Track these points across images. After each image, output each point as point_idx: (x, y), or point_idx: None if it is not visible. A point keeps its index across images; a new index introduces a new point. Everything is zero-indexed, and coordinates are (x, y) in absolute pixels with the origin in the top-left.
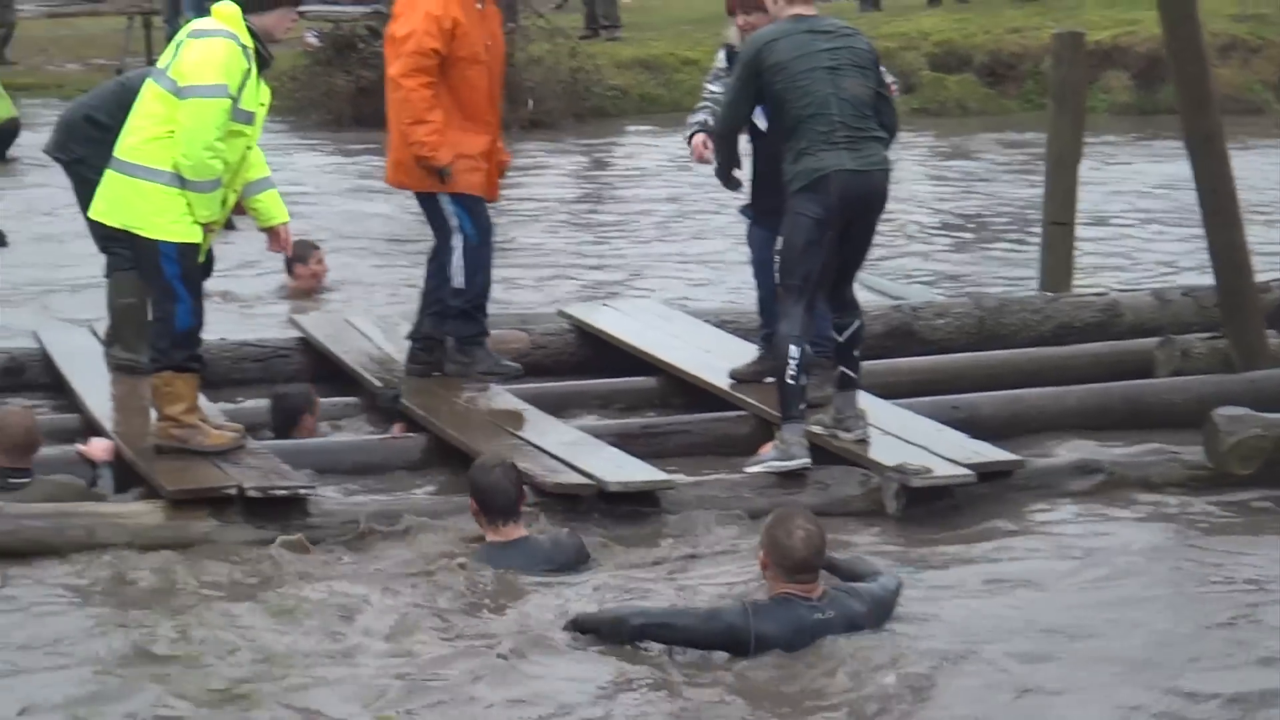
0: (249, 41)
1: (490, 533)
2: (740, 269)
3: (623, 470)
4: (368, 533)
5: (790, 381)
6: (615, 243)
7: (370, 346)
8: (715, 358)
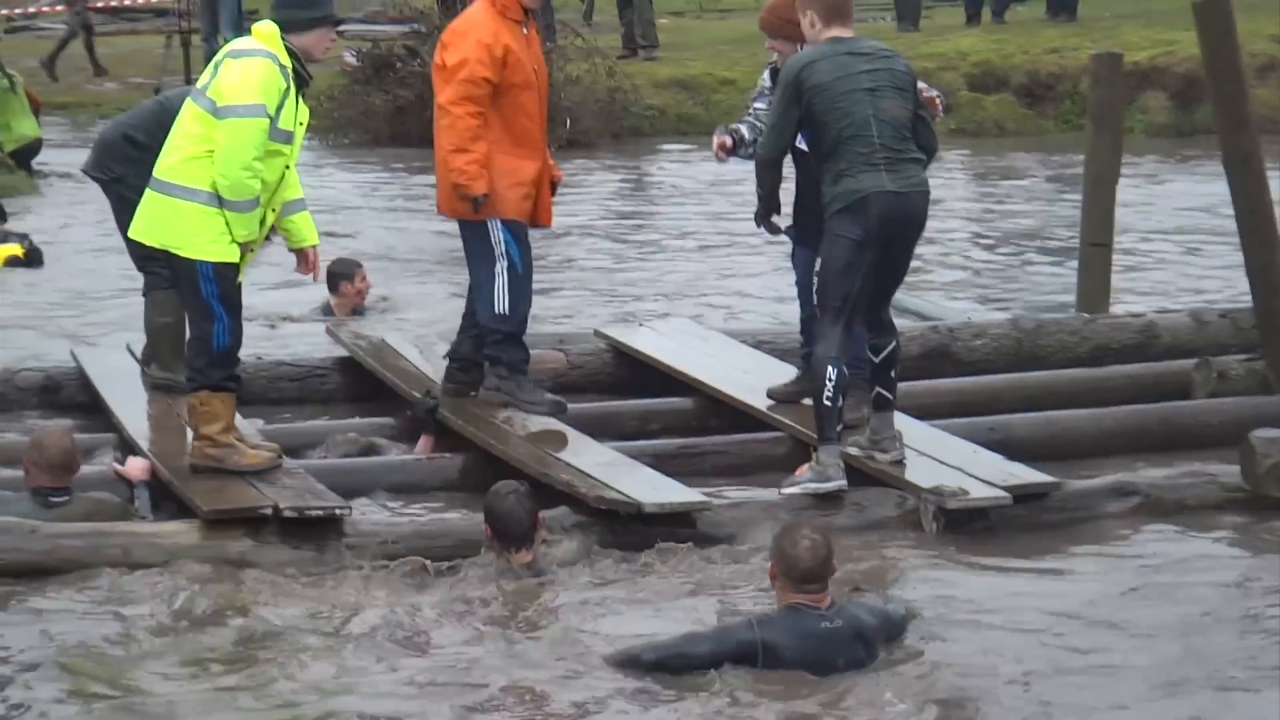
0: (287, 61)
1: (504, 559)
2: (776, 289)
3: (659, 491)
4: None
5: (827, 403)
6: (652, 262)
7: (407, 364)
8: (752, 378)
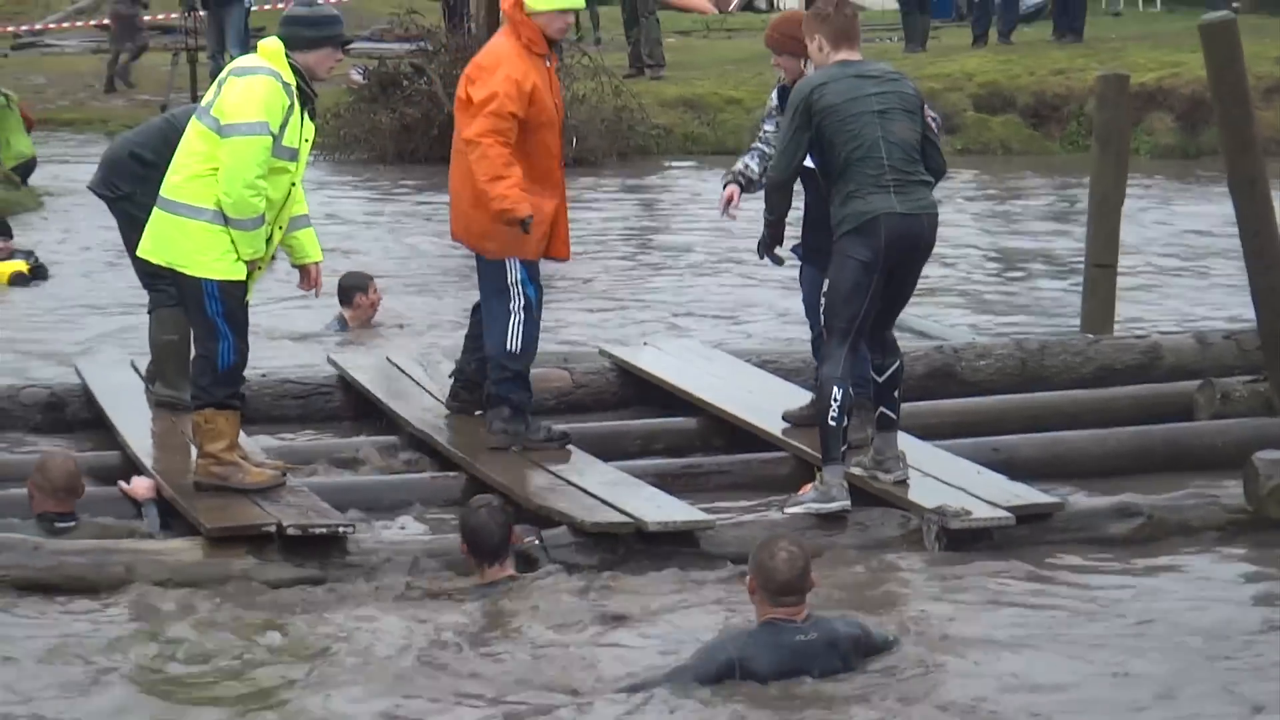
0: (291, 79)
1: (480, 575)
2: (781, 309)
3: (662, 510)
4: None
5: (832, 423)
6: (657, 282)
7: (411, 387)
8: (757, 398)
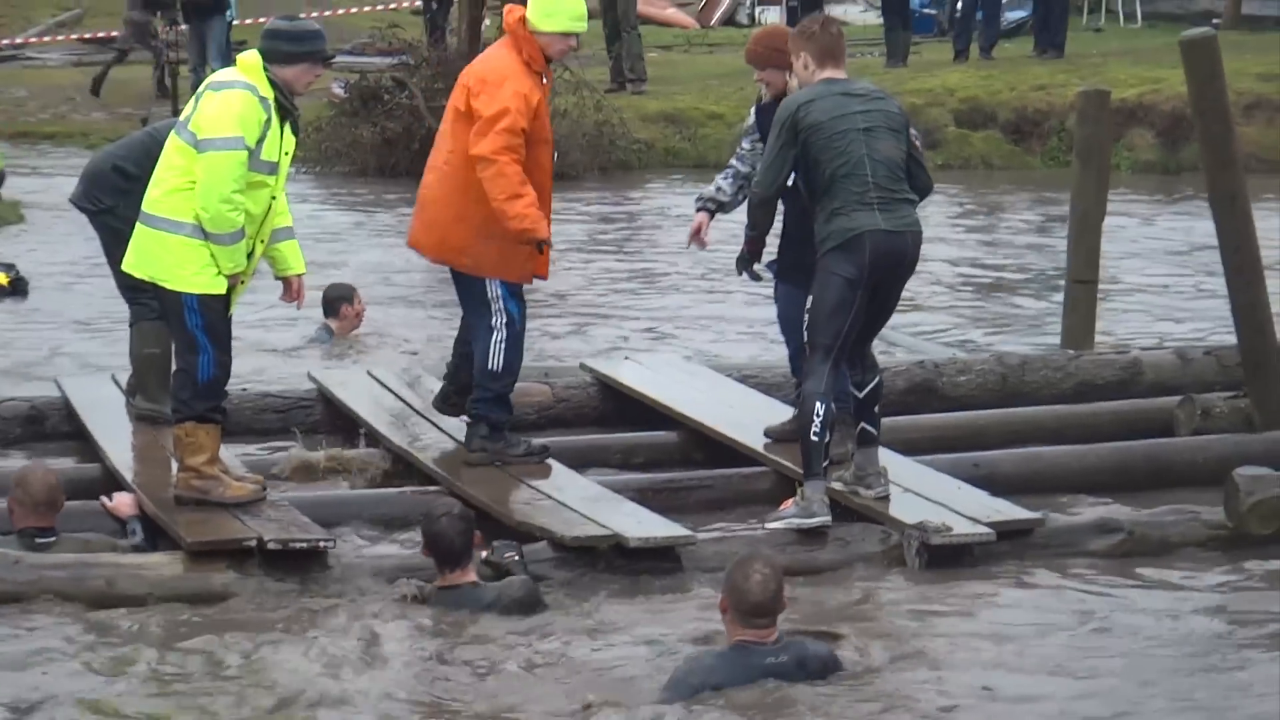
0: (268, 93)
1: (440, 578)
2: (762, 324)
3: (643, 525)
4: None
5: (814, 438)
6: (638, 296)
7: (390, 400)
8: (737, 413)
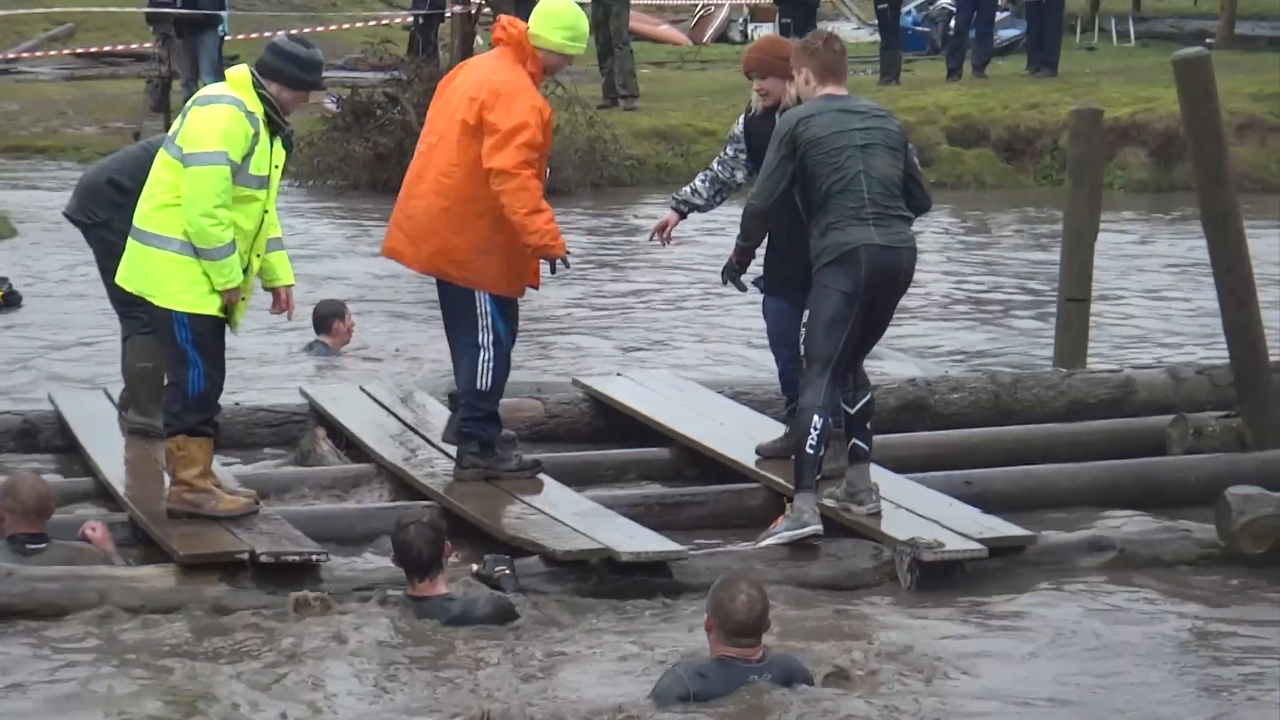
0: (256, 107)
1: (410, 587)
2: (753, 340)
3: (635, 540)
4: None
5: (809, 450)
6: (630, 312)
7: (383, 416)
8: (729, 429)
